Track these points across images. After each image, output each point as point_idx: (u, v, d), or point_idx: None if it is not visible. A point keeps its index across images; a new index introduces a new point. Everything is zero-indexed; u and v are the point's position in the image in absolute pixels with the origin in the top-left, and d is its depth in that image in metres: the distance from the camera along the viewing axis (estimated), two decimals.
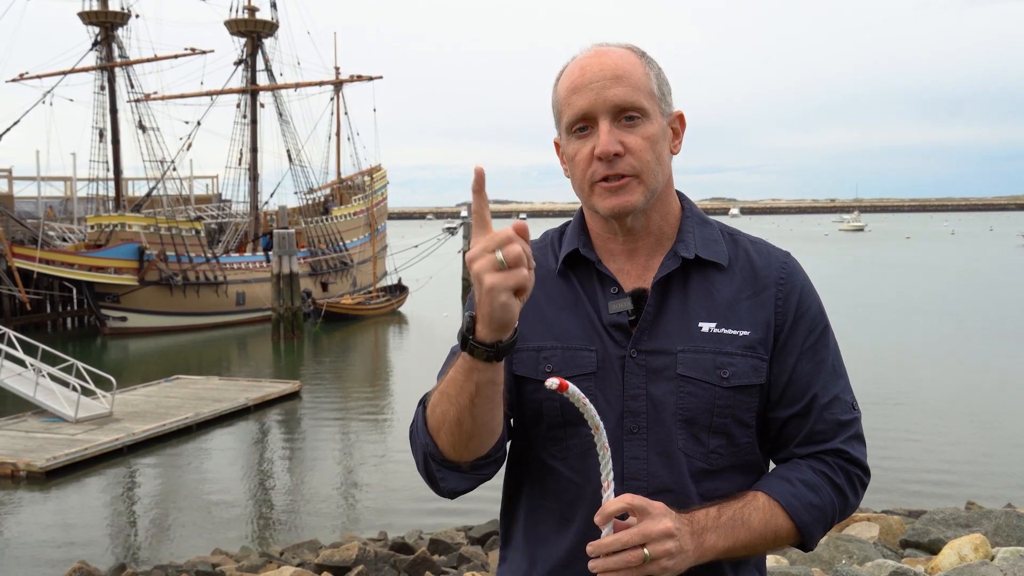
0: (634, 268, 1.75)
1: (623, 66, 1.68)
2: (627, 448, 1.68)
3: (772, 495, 1.66)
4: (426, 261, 44.61)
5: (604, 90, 1.65)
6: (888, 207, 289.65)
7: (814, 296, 1.78)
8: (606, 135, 1.64)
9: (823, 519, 1.69)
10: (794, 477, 1.69)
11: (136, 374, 26.48)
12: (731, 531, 1.60)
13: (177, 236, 39.21)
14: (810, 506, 1.67)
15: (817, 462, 1.71)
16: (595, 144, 1.66)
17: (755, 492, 1.67)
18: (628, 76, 1.67)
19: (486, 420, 1.57)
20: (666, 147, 1.73)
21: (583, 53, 1.73)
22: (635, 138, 1.66)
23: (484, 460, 1.65)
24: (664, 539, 1.49)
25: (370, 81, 51.97)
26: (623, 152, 1.65)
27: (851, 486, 1.72)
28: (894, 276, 55.52)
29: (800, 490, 1.67)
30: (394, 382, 27.57)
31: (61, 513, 14.87)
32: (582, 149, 1.69)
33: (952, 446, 17.28)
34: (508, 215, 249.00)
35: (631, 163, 1.66)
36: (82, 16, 41.49)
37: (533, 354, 1.73)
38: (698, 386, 1.66)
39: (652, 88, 1.70)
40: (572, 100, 1.68)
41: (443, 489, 1.68)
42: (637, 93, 1.66)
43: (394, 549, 10.78)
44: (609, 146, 1.64)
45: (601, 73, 1.66)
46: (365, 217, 50.41)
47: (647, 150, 1.67)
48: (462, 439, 1.59)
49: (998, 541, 6.98)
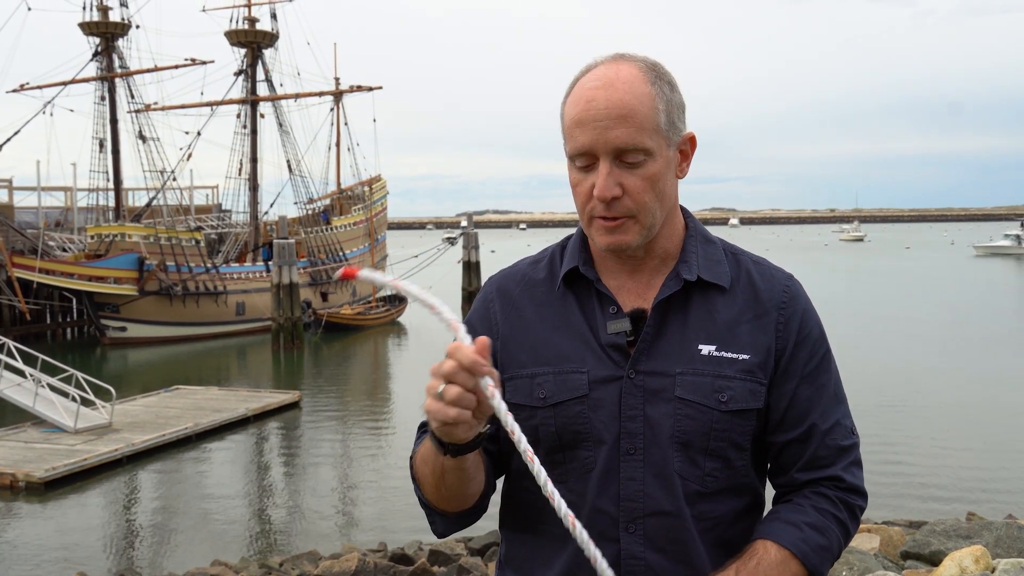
0: (635, 286, 1.74)
1: (629, 103, 1.61)
2: (623, 469, 1.67)
3: (783, 544, 1.65)
4: (426, 271, 44.63)
5: (607, 131, 1.61)
6: (888, 217, 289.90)
7: (816, 320, 1.76)
8: (604, 178, 1.62)
9: (831, 558, 1.70)
10: (800, 521, 1.68)
11: (135, 384, 26.46)
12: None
13: (177, 246, 39.22)
14: (820, 549, 1.67)
15: (818, 497, 1.71)
16: (595, 182, 1.63)
17: (764, 543, 1.66)
18: (633, 115, 1.61)
19: (461, 490, 1.65)
20: (670, 176, 1.69)
21: (592, 76, 1.67)
22: (635, 180, 1.63)
23: (468, 512, 1.73)
24: None
25: (370, 91, 52.07)
26: (621, 195, 1.63)
27: (852, 518, 1.73)
28: (893, 285, 55.52)
29: (808, 535, 1.67)
30: (394, 393, 27.55)
31: (60, 524, 14.83)
32: (583, 182, 1.67)
33: (952, 457, 17.24)
34: (508, 225, 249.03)
35: (628, 205, 1.64)
36: (83, 27, 41.58)
37: (527, 381, 1.73)
38: (696, 409, 1.65)
39: (659, 122, 1.64)
40: (574, 133, 1.64)
41: (434, 531, 1.79)
42: (640, 134, 1.61)
43: (394, 560, 10.76)
44: (606, 191, 1.62)
45: (606, 112, 1.61)
46: (365, 227, 50.46)
47: (646, 191, 1.64)
48: (442, 498, 1.68)
49: (999, 553, 6.96)
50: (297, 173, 48.10)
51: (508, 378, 1.75)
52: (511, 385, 1.74)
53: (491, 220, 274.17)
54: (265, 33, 46.05)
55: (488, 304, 1.83)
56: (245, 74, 46.15)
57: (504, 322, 1.79)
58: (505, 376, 1.76)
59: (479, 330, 1.80)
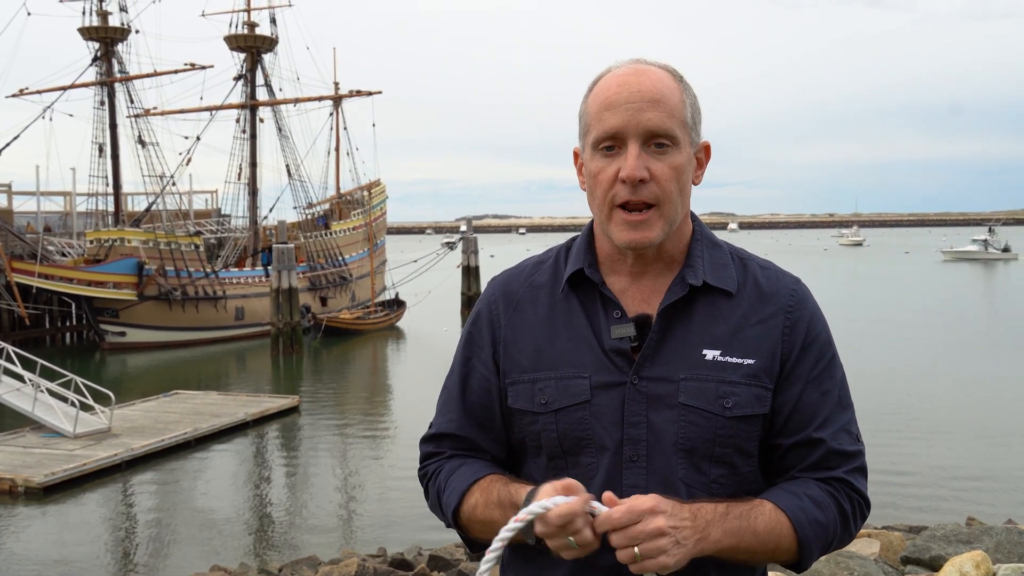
0: (640, 290, 1.73)
1: (661, 90, 1.63)
2: (626, 476, 1.65)
3: (779, 505, 1.63)
4: (426, 275, 44.63)
5: (639, 112, 1.61)
6: (887, 221, 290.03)
7: (823, 325, 1.74)
8: (634, 159, 1.61)
9: (824, 538, 1.66)
10: (801, 492, 1.66)
11: (135, 389, 26.43)
12: (736, 531, 1.57)
13: (176, 251, 39.22)
14: (815, 523, 1.64)
15: (824, 483, 1.69)
16: (621, 166, 1.62)
17: (761, 500, 1.64)
18: (665, 101, 1.62)
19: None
20: (690, 177, 1.70)
21: (620, 68, 1.68)
22: (662, 166, 1.62)
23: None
24: (656, 538, 1.48)
25: (369, 96, 52.15)
26: (648, 179, 1.62)
27: (853, 514, 1.70)
28: (892, 290, 55.51)
29: (807, 505, 1.64)
30: (393, 397, 27.53)
31: (59, 529, 14.81)
32: (607, 168, 1.65)
33: (952, 461, 17.23)
34: (508, 230, 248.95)
35: (654, 191, 1.63)
36: (82, 32, 41.61)
37: (529, 386, 1.72)
38: (700, 415, 1.64)
39: (686, 116, 1.66)
40: (604, 116, 1.63)
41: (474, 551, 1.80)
42: (671, 120, 1.62)
43: (393, 565, 10.74)
44: (636, 171, 1.60)
45: (639, 94, 1.61)
46: (364, 232, 50.45)
47: (672, 180, 1.63)
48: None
49: (999, 558, 6.95)
50: (296, 178, 48.19)
51: (510, 383, 1.75)
52: (513, 390, 1.74)
53: (490, 225, 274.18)
54: (264, 38, 46.11)
55: (491, 306, 1.82)
56: (244, 79, 46.21)
57: (506, 324, 1.78)
58: (507, 380, 1.75)
59: (482, 331, 1.80)
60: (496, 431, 1.80)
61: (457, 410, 1.82)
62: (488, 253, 60.37)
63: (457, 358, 1.85)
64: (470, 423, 1.80)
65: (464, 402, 1.81)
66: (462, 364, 1.83)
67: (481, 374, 1.79)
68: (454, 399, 1.83)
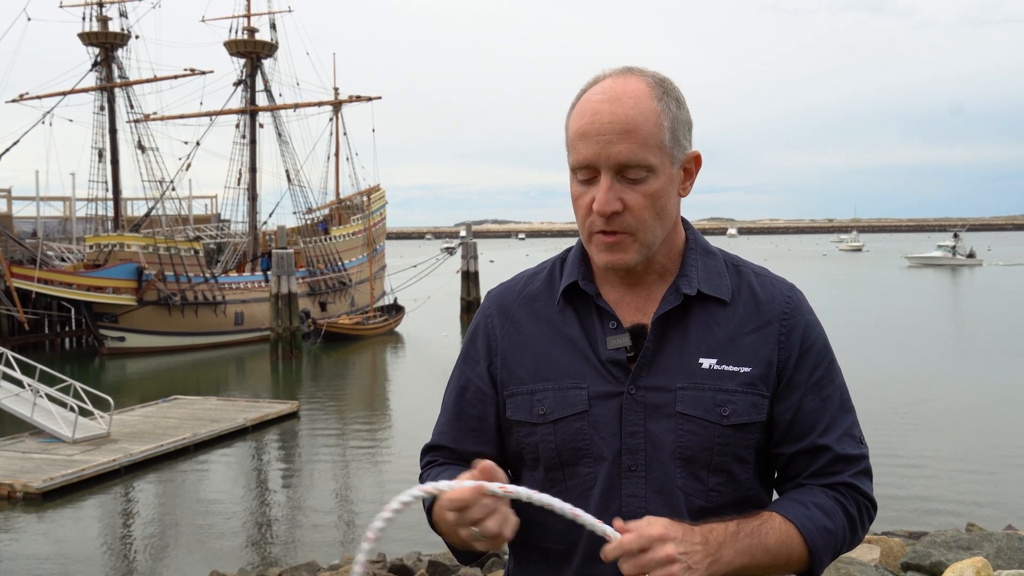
0: (635, 300, 1.73)
1: (634, 118, 1.60)
2: (625, 486, 1.65)
3: (787, 517, 1.62)
4: (425, 280, 44.64)
5: (610, 145, 1.59)
6: (886, 227, 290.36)
7: (819, 331, 1.74)
8: (604, 193, 1.60)
9: (833, 546, 1.66)
10: (808, 501, 1.66)
11: (134, 394, 26.42)
12: (748, 550, 1.56)
13: (176, 256, 39.24)
14: (824, 531, 1.63)
15: (830, 489, 1.69)
16: (595, 196, 1.62)
17: (770, 512, 1.64)
18: (637, 131, 1.59)
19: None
20: (672, 193, 1.67)
21: (600, 85, 1.65)
22: (636, 196, 1.61)
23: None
24: (666, 565, 1.46)
25: (369, 101, 52.20)
26: (621, 210, 1.61)
27: (861, 518, 1.70)
28: (892, 295, 55.54)
29: (815, 514, 1.64)
30: (393, 402, 27.52)
31: (58, 534, 14.78)
32: (584, 196, 1.65)
33: (953, 467, 17.22)
34: (507, 235, 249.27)
35: (628, 222, 1.62)
36: (82, 37, 41.66)
37: (527, 397, 1.72)
38: (698, 424, 1.64)
39: (663, 139, 1.62)
40: (578, 146, 1.63)
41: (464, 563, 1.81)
42: (644, 150, 1.59)
43: (393, 571, 10.72)
44: (606, 206, 1.60)
45: (610, 125, 1.59)
46: (364, 237, 50.48)
47: (647, 208, 1.62)
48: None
49: (1000, 564, 6.94)
50: (296, 183, 48.25)
51: (508, 395, 1.75)
52: (511, 402, 1.74)
53: (490, 230, 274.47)
54: (264, 43, 46.18)
55: (487, 319, 1.83)
56: (244, 84, 46.26)
57: (503, 338, 1.79)
58: (505, 393, 1.76)
59: (479, 346, 1.82)
60: (491, 444, 1.80)
61: (451, 422, 1.84)
62: (487, 258, 60.43)
63: (455, 371, 1.87)
64: (464, 435, 1.82)
65: (458, 414, 1.83)
66: (458, 377, 1.85)
67: (476, 387, 1.81)
68: (448, 411, 1.85)
